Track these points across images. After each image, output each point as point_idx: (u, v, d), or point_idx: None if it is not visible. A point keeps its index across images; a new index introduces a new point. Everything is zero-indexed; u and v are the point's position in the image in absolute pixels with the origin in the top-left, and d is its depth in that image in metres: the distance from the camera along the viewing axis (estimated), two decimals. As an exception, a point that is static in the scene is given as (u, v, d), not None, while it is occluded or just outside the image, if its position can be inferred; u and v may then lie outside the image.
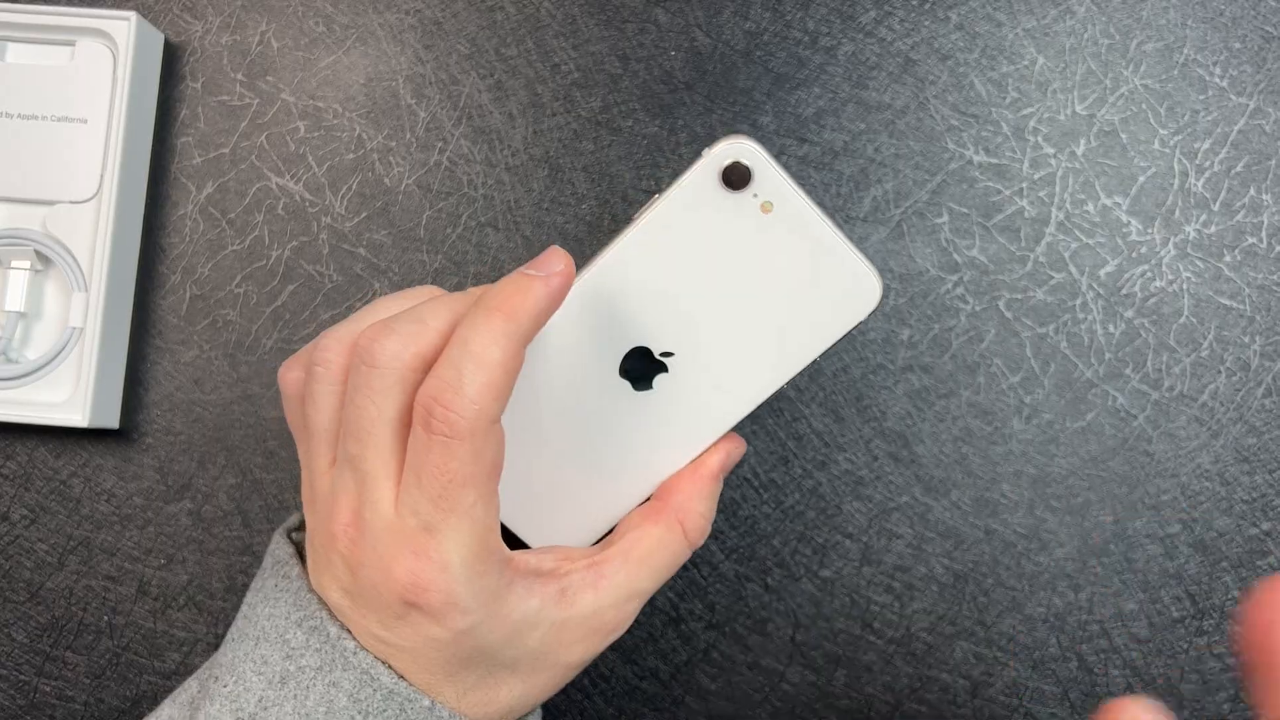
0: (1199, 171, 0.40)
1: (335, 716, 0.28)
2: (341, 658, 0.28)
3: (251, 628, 0.30)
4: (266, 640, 0.29)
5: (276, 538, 0.32)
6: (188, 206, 0.42)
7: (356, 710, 0.28)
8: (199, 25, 0.42)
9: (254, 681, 0.28)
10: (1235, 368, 0.39)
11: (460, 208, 0.41)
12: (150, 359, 0.41)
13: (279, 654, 0.29)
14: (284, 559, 0.31)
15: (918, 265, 0.40)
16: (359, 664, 0.28)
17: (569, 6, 0.41)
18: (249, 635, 0.30)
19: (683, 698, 0.39)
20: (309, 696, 0.28)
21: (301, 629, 0.29)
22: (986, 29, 0.41)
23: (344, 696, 0.28)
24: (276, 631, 0.29)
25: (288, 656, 0.28)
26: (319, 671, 0.28)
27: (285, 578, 0.30)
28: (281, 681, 0.28)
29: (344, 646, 0.28)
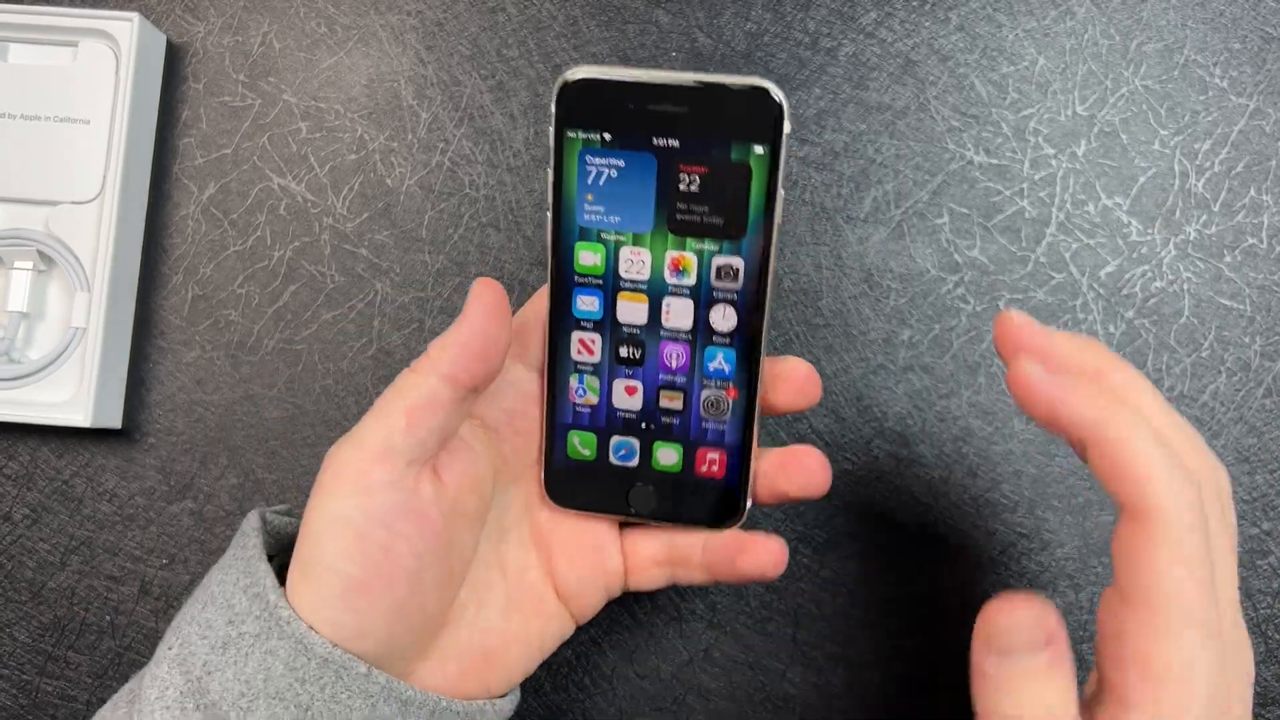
0: (1199, 172, 0.40)
1: (274, 684, 0.28)
2: (277, 626, 0.28)
3: (203, 593, 0.30)
4: (213, 604, 0.29)
5: (250, 514, 0.32)
6: (190, 207, 0.42)
7: (294, 678, 0.28)
8: (201, 26, 0.42)
9: (199, 645, 0.29)
10: (1235, 368, 0.39)
11: (462, 208, 0.41)
12: (152, 359, 0.41)
13: (223, 619, 0.29)
14: (246, 531, 0.31)
15: (918, 265, 0.40)
16: (293, 632, 0.28)
17: (570, 8, 0.42)
18: (199, 599, 0.30)
19: (684, 697, 0.40)
20: (248, 663, 0.28)
21: (246, 595, 0.29)
22: (987, 30, 0.41)
23: (280, 664, 0.28)
24: (224, 597, 0.29)
25: (230, 622, 0.29)
26: (257, 639, 0.28)
27: (242, 548, 0.30)
28: (224, 646, 0.28)
29: (280, 615, 0.28)
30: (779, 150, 0.28)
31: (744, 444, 0.32)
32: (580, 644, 0.40)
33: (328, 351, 0.41)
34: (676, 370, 0.31)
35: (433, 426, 0.29)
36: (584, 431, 0.32)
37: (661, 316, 0.31)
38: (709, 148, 0.29)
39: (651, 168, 0.29)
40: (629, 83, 0.29)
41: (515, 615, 0.33)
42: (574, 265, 0.31)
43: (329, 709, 0.28)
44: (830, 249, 0.40)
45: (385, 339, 0.41)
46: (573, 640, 0.40)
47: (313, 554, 0.29)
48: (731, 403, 0.31)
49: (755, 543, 0.32)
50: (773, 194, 0.29)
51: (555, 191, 0.30)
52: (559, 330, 0.31)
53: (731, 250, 0.30)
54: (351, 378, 0.41)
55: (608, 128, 0.29)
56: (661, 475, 0.32)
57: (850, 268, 0.40)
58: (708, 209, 0.29)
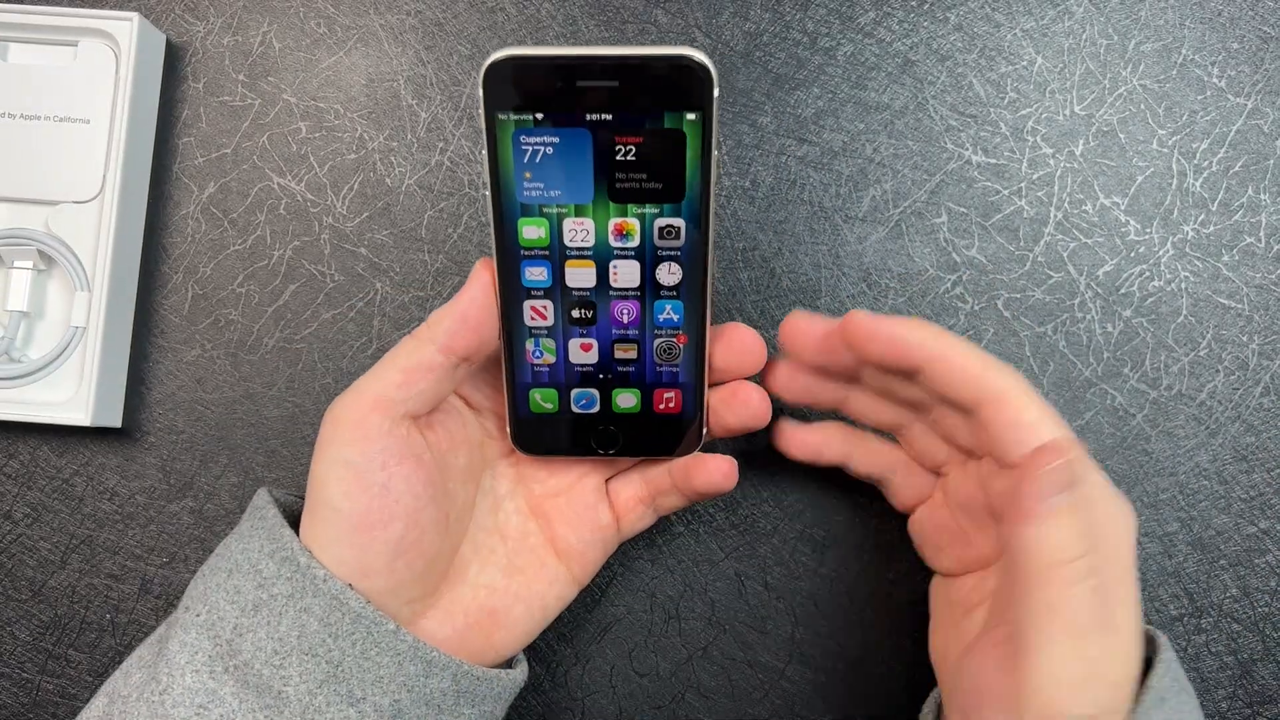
0: (1197, 171, 0.40)
1: (307, 640, 0.29)
2: (312, 585, 0.29)
3: (224, 562, 0.31)
4: (239, 571, 0.31)
5: (260, 491, 0.33)
6: (190, 206, 0.42)
7: (327, 634, 0.29)
8: (201, 26, 0.42)
9: (228, 610, 0.30)
10: (1233, 367, 0.40)
11: (461, 208, 0.41)
12: (152, 358, 0.41)
13: (251, 584, 0.30)
14: (260, 505, 0.32)
15: (916, 265, 0.40)
16: (328, 590, 0.29)
17: (569, 7, 0.42)
18: (220, 569, 0.31)
19: (683, 695, 0.40)
20: (281, 622, 0.29)
21: (273, 560, 0.30)
22: (985, 30, 0.41)
23: (315, 621, 0.29)
24: (249, 563, 0.31)
25: (260, 585, 0.30)
26: (290, 599, 0.30)
27: (261, 519, 0.32)
28: (254, 609, 0.30)
29: (314, 574, 0.30)
30: (710, 114, 0.29)
31: (697, 381, 0.33)
32: (580, 642, 0.40)
33: (328, 351, 0.41)
34: (628, 325, 0.32)
35: (424, 388, 0.31)
36: (545, 388, 0.34)
37: (610, 279, 0.32)
38: (642, 119, 0.29)
39: (587, 141, 0.29)
40: (555, 61, 0.28)
41: (518, 575, 0.35)
42: (519, 240, 0.31)
43: (359, 664, 0.30)
44: (828, 248, 0.40)
45: (385, 338, 0.41)
46: (572, 639, 0.40)
47: (318, 498, 0.31)
48: (683, 347, 0.33)
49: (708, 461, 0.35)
50: (708, 155, 0.29)
51: (492, 173, 0.30)
52: (510, 300, 0.32)
53: (672, 212, 0.30)
54: (351, 377, 0.41)
55: (538, 107, 0.29)
56: (622, 416, 0.34)
57: (848, 267, 0.40)
58: (646, 176, 0.30)
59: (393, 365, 0.31)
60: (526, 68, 0.29)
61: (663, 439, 0.35)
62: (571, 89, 0.29)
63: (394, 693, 0.30)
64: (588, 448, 0.35)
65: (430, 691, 0.31)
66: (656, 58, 0.28)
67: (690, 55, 0.28)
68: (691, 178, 0.30)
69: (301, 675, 0.29)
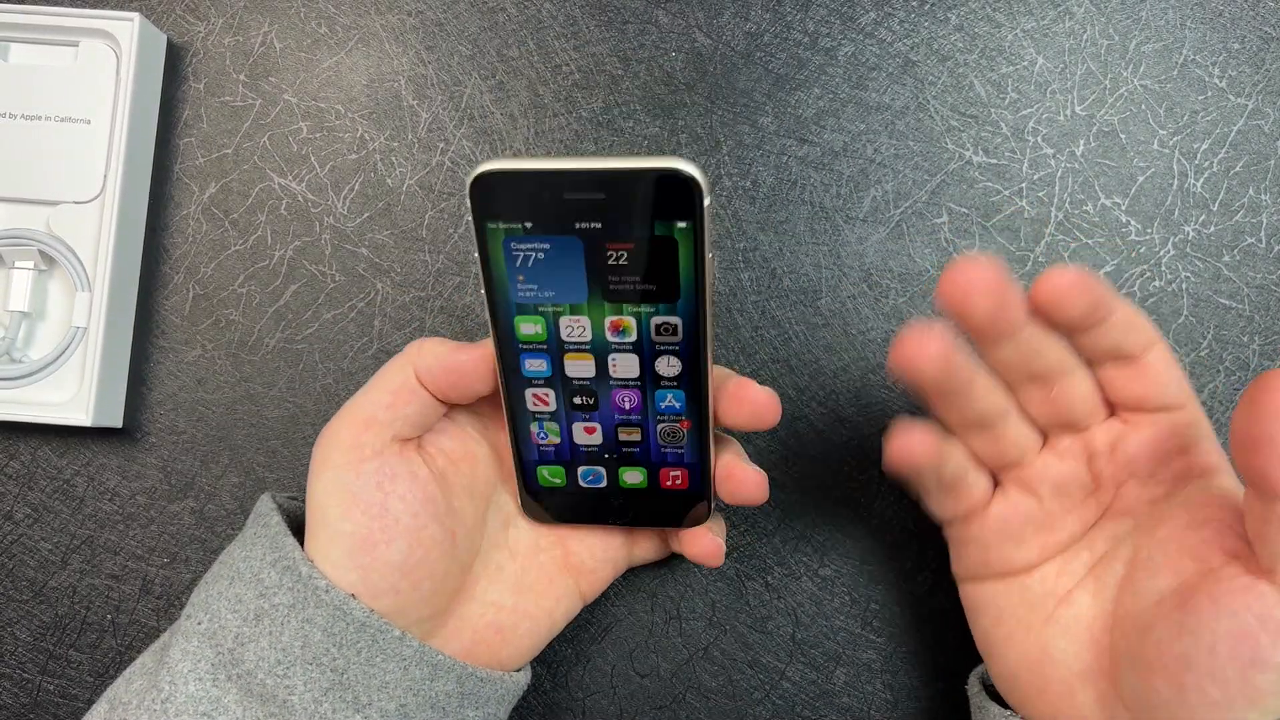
0: (1198, 172, 0.40)
1: (311, 650, 0.29)
2: (314, 595, 0.29)
3: (226, 570, 0.31)
4: (241, 580, 0.30)
5: (263, 498, 0.33)
6: (190, 207, 0.42)
7: (331, 643, 0.29)
8: (202, 26, 0.42)
9: (229, 619, 0.30)
10: (1234, 367, 0.39)
11: (462, 208, 0.41)
12: (153, 358, 0.41)
13: (253, 593, 0.30)
14: (264, 512, 0.32)
15: (917, 265, 0.40)
16: (331, 600, 0.29)
17: (570, 7, 0.42)
18: (223, 576, 0.31)
19: (684, 695, 0.40)
20: (284, 631, 0.29)
21: (275, 569, 0.30)
22: (986, 30, 0.41)
23: (318, 631, 0.29)
24: (251, 572, 0.30)
25: (261, 595, 0.30)
26: (292, 609, 0.29)
27: (264, 526, 0.31)
28: (256, 618, 0.29)
29: (316, 585, 0.29)
30: (701, 223, 0.28)
31: (703, 460, 0.33)
32: (580, 643, 0.40)
33: (328, 351, 0.41)
34: (631, 411, 0.32)
35: (410, 411, 0.31)
36: (552, 465, 0.34)
37: (609, 369, 0.31)
38: (630, 228, 0.28)
39: (578, 248, 0.29)
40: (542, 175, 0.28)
41: (527, 593, 0.35)
42: (516, 336, 0.31)
43: (365, 671, 0.30)
44: (829, 249, 0.40)
45: (386, 338, 0.41)
46: (573, 639, 0.40)
47: (318, 521, 0.31)
48: (686, 431, 0.32)
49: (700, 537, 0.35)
50: (701, 259, 0.29)
51: (485, 275, 0.30)
52: (512, 387, 0.32)
53: (668, 311, 0.30)
54: (352, 377, 0.41)
55: (527, 217, 0.28)
56: (630, 491, 0.34)
57: (849, 267, 0.40)
58: (639, 279, 0.29)
59: (381, 386, 0.32)
60: (512, 181, 0.28)
61: (670, 512, 0.35)
62: (559, 200, 0.28)
63: (400, 697, 0.30)
64: (597, 518, 0.35)
65: (435, 694, 0.31)
66: (643, 171, 0.27)
67: (678, 169, 0.27)
68: (685, 280, 0.29)
69: (306, 684, 0.29)
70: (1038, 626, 0.31)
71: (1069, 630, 0.31)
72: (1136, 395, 0.30)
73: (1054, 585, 0.32)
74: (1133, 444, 0.30)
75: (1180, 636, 0.26)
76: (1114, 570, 0.31)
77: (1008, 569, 0.32)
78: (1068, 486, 0.31)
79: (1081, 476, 0.31)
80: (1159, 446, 0.30)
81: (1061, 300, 0.28)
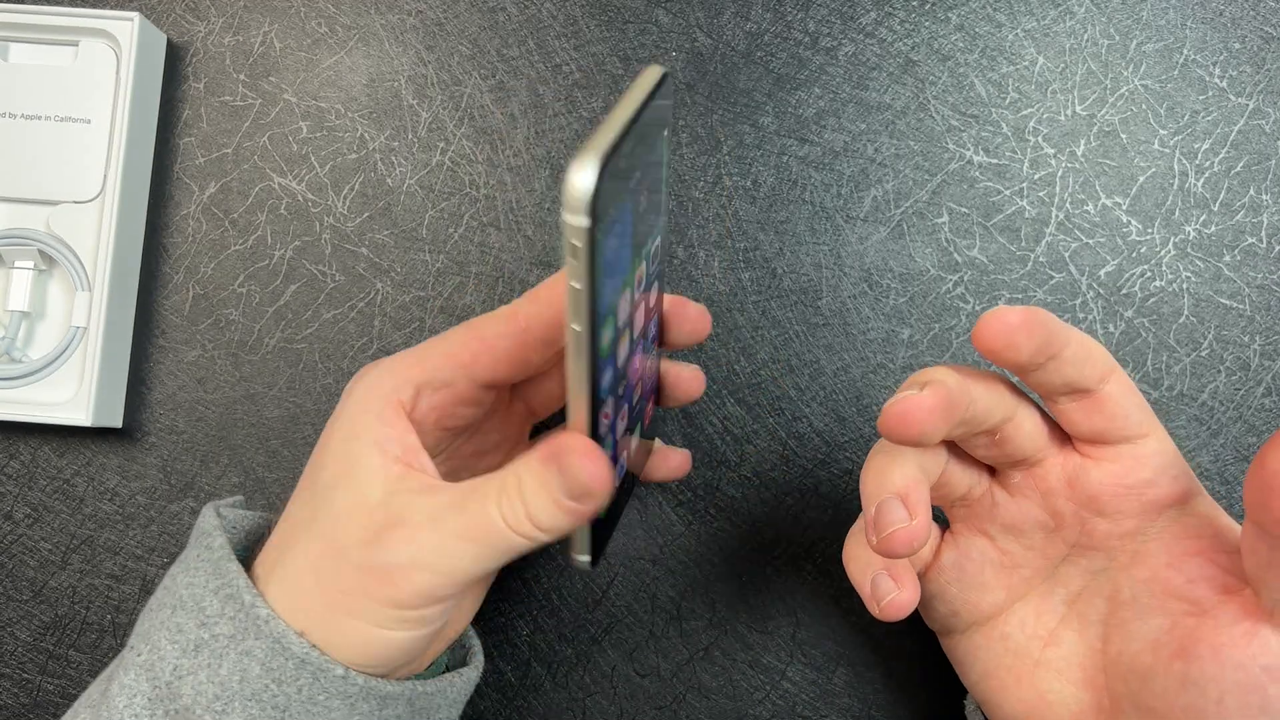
0: (1199, 172, 0.40)
1: (250, 685, 0.27)
2: (254, 625, 0.28)
3: (169, 596, 0.29)
4: (183, 608, 0.29)
5: (205, 510, 0.31)
6: (190, 206, 0.42)
7: (270, 679, 0.27)
8: (202, 26, 0.42)
9: (168, 650, 0.28)
10: (1235, 367, 0.39)
11: (462, 208, 0.41)
12: (153, 358, 0.41)
13: (194, 621, 0.28)
14: (207, 530, 0.30)
15: (918, 265, 0.40)
16: (270, 632, 0.27)
17: (570, 7, 0.42)
18: (166, 604, 0.29)
19: (684, 695, 0.40)
20: (222, 665, 0.28)
21: (218, 596, 0.28)
22: (987, 30, 0.41)
23: (257, 665, 0.27)
24: (194, 600, 0.29)
25: (202, 624, 0.28)
26: (232, 639, 0.28)
27: (207, 548, 0.30)
28: (195, 649, 0.28)
29: (257, 614, 0.28)
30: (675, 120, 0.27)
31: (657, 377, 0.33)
32: (580, 643, 0.40)
33: (328, 351, 0.41)
34: (646, 374, 0.32)
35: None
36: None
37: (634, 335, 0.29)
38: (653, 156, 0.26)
39: (629, 212, 0.25)
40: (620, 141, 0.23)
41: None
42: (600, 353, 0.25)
43: (307, 710, 0.28)
44: (830, 248, 0.40)
45: (386, 338, 0.41)
46: (572, 639, 0.40)
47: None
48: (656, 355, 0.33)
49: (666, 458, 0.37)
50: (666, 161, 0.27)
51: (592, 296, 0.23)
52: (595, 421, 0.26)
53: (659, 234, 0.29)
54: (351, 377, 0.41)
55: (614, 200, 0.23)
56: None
57: (850, 267, 0.40)
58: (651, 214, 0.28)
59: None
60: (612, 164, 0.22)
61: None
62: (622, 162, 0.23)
63: None
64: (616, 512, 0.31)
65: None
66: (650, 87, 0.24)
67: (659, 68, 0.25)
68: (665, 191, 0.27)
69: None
70: (1028, 673, 0.31)
71: (1061, 672, 0.30)
72: (1095, 429, 0.29)
73: (1035, 627, 0.31)
74: (1094, 479, 0.29)
75: (1185, 688, 0.26)
76: (1096, 606, 0.30)
77: (977, 616, 0.32)
78: (1020, 525, 0.31)
79: (1035, 514, 0.30)
80: (1122, 479, 0.29)
81: (1008, 344, 0.27)
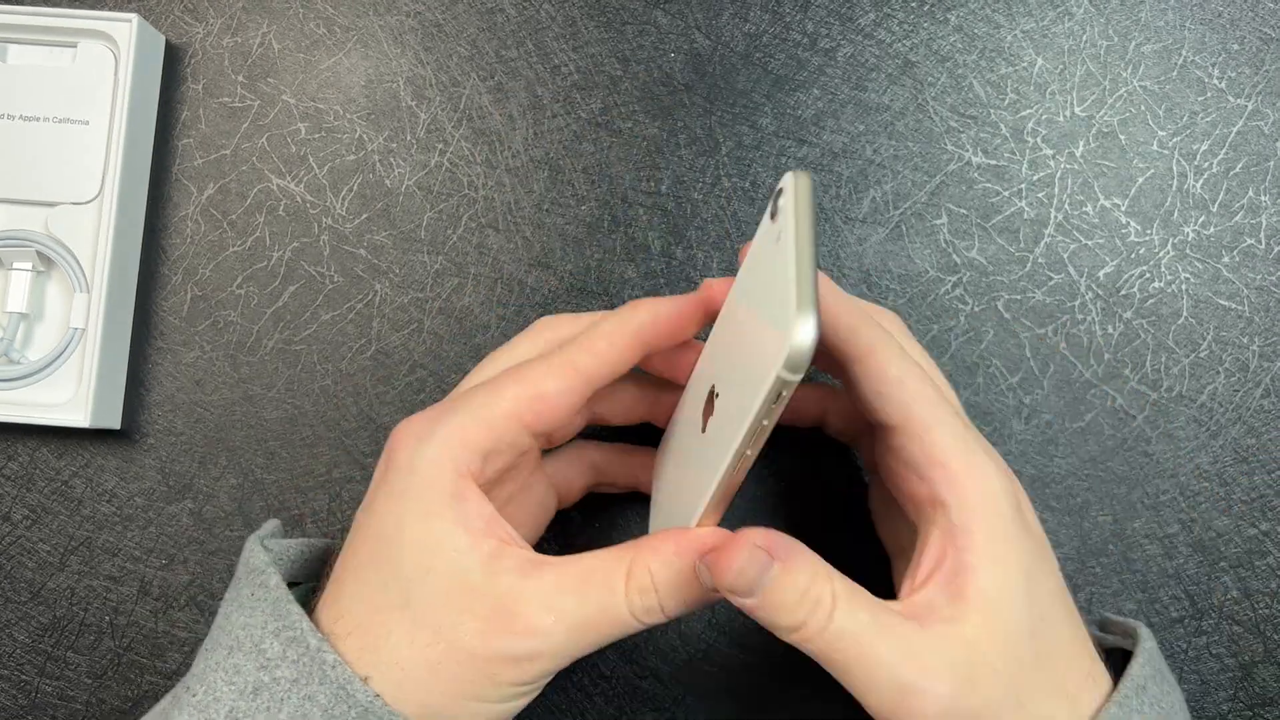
0: (1197, 173, 0.40)
1: None
2: (319, 670, 0.27)
3: (225, 636, 0.29)
4: (240, 649, 0.28)
5: (250, 544, 0.31)
6: (189, 208, 0.42)
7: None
8: (200, 27, 0.42)
9: (225, 691, 0.27)
10: (1234, 368, 0.39)
11: (461, 209, 0.41)
12: (152, 360, 0.41)
13: (253, 664, 0.27)
14: (259, 567, 0.29)
15: (916, 266, 0.40)
16: (336, 678, 0.27)
17: (569, 9, 0.42)
18: (222, 644, 0.28)
19: (683, 697, 0.40)
20: (282, 709, 0.27)
21: (279, 639, 0.28)
22: (985, 31, 0.41)
23: (318, 711, 0.27)
24: (252, 641, 0.28)
25: (262, 667, 0.27)
26: (294, 684, 0.27)
27: (262, 586, 0.29)
28: (254, 692, 0.27)
29: (324, 659, 0.27)
30: None
31: None
32: (579, 644, 0.40)
33: (327, 352, 0.41)
34: None
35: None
36: None
37: None
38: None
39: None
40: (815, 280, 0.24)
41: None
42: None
43: None
44: (829, 249, 0.40)
45: (384, 340, 0.41)
46: (571, 640, 0.40)
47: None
48: None
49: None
50: None
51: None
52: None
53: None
54: (350, 378, 0.41)
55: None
56: None
57: (849, 268, 0.40)
58: None
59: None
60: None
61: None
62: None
63: None
64: None
65: None
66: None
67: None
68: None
69: None
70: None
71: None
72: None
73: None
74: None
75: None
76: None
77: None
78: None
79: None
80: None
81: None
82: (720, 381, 0.28)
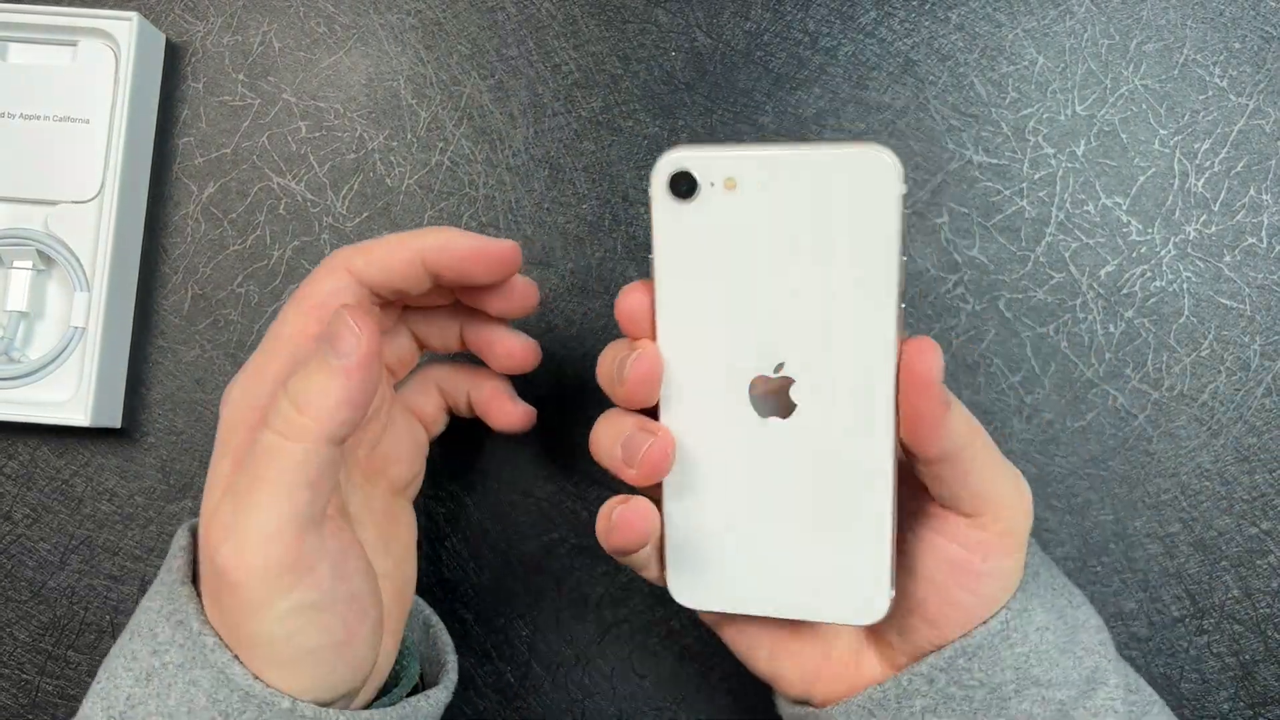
0: (1199, 171, 0.40)
1: (196, 716, 0.27)
2: (201, 655, 0.27)
3: (132, 621, 0.29)
4: (139, 635, 0.28)
5: (180, 530, 0.31)
6: (189, 206, 0.42)
7: (216, 711, 0.27)
8: (200, 26, 0.42)
9: (123, 679, 0.27)
10: (1235, 367, 0.39)
11: (461, 208, 0.41)
12: (152, 358, 0.41)
13: (147, 649, 0.28)
14: (174, 551, 0.30)
15: (918, 265, 0.40)
16: (215, 662, 0.27)
17: (570, 7, 0.42)
18: (127, 629, 0.29)
19: (684, 696, 0.40)
20: (170, 695, 0.27)
21: (169, 623, 0.28)
22: (986, 29, 0.41)
23: (203, 696, 0.27)
24: (148, 626, 0.28)
25: (154, 652, 0.27)
26: (180, 668, 0.27)
27: (166, 569, 0.29)
28: (147, 678, 0.27)
29: (203, 642, 0.27)
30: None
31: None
32: (581, 644, 0.40)
33: (327, 351, 0.41)
34: None
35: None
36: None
37: None
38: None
39: None
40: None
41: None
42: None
43: None
44: (830, 248, 0.40)
45: (385, 338, 0.41)
46: (573, 640, 0.40)
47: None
48: None
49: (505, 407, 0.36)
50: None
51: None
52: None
53: None
54: (351, 377, 0.41)
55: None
56: None
57: (850, 267, 0.40)
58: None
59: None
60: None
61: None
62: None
63: None
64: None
65: None
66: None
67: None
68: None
69: None
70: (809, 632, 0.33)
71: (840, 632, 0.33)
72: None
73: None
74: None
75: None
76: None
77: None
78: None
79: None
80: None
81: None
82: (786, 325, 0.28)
